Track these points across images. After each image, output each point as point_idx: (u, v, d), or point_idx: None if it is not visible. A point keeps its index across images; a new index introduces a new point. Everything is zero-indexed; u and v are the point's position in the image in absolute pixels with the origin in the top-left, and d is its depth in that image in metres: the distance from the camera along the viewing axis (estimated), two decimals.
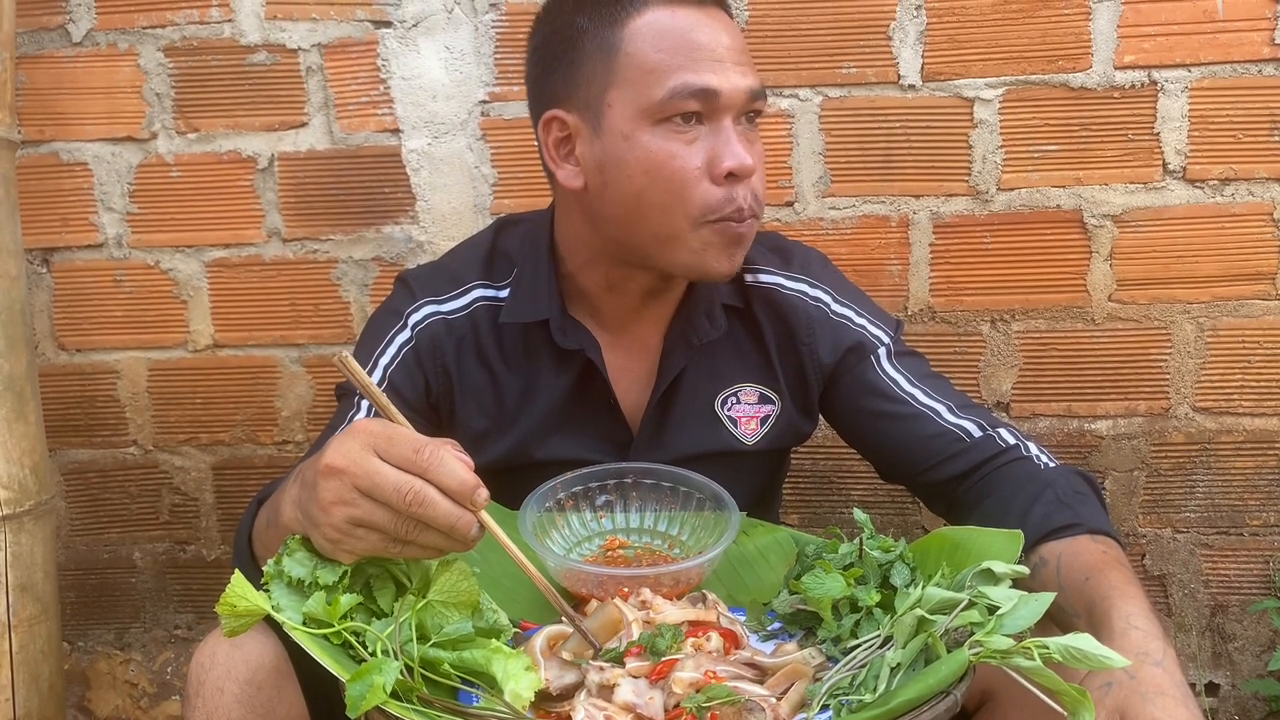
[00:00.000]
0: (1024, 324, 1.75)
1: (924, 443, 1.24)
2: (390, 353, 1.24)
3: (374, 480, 0.84)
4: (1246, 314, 1.72)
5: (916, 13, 1.66)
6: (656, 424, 1.28)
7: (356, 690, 0.82)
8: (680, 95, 1.11)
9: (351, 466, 0.85)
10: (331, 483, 0.86)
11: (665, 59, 1.11)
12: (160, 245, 1.81)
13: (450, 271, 1.29)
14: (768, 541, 1.22)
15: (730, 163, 1.12)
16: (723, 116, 1.13)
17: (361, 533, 0.86)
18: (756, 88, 1.15)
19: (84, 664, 1.97)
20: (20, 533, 1.54)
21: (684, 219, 1.14)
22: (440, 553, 0.89)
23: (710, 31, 1.13)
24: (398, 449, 0.85)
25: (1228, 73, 1.65)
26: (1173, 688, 0.89)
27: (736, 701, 0.86)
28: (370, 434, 0.86)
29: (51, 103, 1.77)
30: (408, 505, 0.84)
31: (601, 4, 1.14)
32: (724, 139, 1.13)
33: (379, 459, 0.85)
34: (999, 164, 1.69)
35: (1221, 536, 1.79)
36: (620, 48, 1.12)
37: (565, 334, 1.24)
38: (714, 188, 1.13)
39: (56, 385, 1.84)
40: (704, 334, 1.26)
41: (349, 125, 1.75)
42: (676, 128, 1.12)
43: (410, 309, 1.26)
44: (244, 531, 1.09)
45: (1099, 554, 1.05)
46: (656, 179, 1.13)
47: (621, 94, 1.13)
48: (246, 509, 1.13)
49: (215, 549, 1.91)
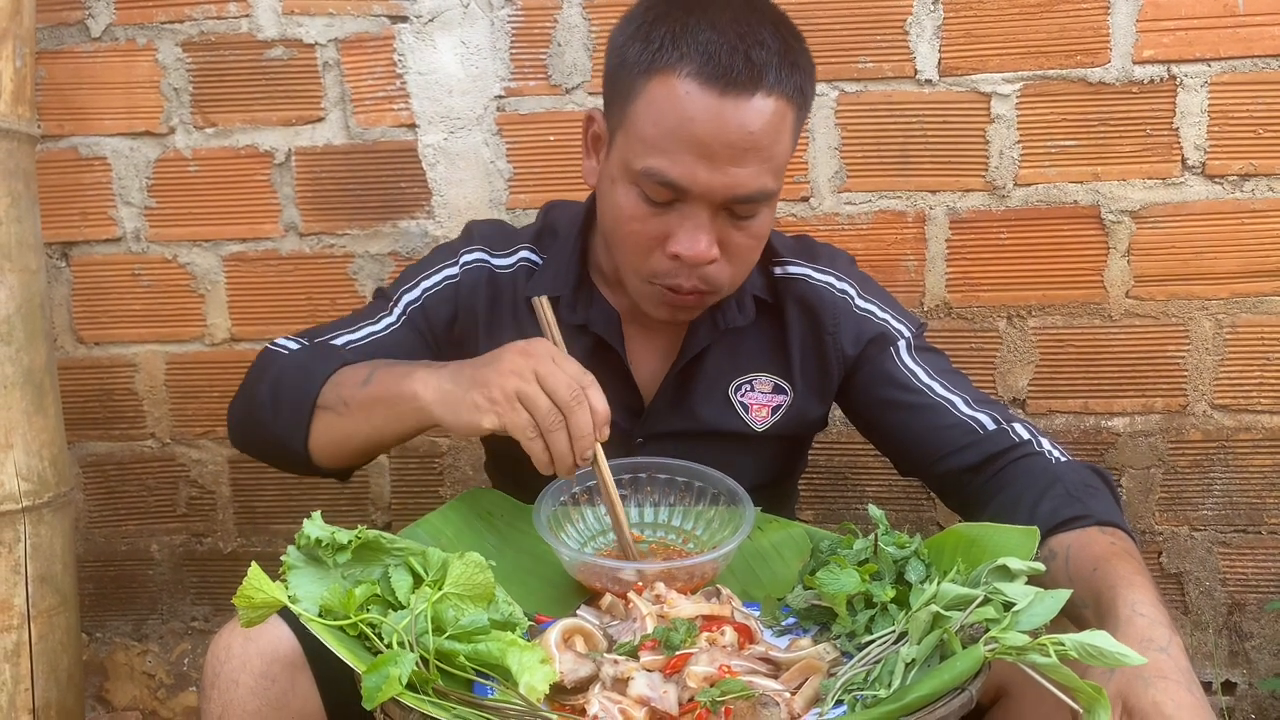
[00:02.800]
0: (1041, 320, 1.74)
1: (938, 433, 1.25)
2: (435, 279, 1.33)
3: (554, 374, 1.04)
4: (1266, 310, 1.71)
5: (933, 7, 1.65)
6: (670, 397, 1.31)
7: (372, 682, 0.82)
8: (650, 179, 1.12)
9: (538, 357, 1.05)
10: (518, 359, 1.05)
11: (655, 136, 1.11)
12: (178, 239, 1.82)
13: (508, 233, 1.38)
14: (782, 537, 1.22)
15: (678, 249, 1.14)
16: (695, 204, 1.12)
17: (518, 407, 1.03)
18: (744, 193, 1.12)
19: (102, 655, 1.98)
20: (39, 525, 1.55)
21: (633, 270, 1.19)
22: (552, 464, 1.04)
23: (717, 125, 1.09)
24: (571, 365, 1.06)
25: (1248, 67, 1.63)
26: (1175, 672, 0.88)
27: (751, 696, 0.86)
28: (552, 350, 1.07)
29: (70, 98, 1.78)
30: (566, 402, 1.03)
31: (648, 45, 1.12)
32: (688, 225, 1.13)
33: (558, 367, 1.04)
34: (1016, 159, 1.69)
35: (1239, 535, 1.78)
36: (637, 98, 1.13)
37: (575, 311, 1.29)
38: (664, 259, 1.15)
39: (75, 378, 1.86)
40: (732, 319, 1.29)
41: (365, 120, 1.76)
42: (646, 199, 1.14)
43: (465, 249, 1.34)
44: (311, 375, 1.20)
45: (1107, 545, 1.05)
46: (618, 229, 1.18)
47: (622, 140, 1.16)
48: (293, 356, 1.26)
49: (232, 541, 1.92)
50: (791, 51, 1.13)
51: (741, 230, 1.16)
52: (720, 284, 1.18)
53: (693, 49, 1.09)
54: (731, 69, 1.08)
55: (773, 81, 1.10)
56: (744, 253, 1.18)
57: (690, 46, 1.09)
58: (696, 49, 1.09)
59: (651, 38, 1.12)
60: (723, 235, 1.15)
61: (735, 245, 1.16)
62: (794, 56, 1.13)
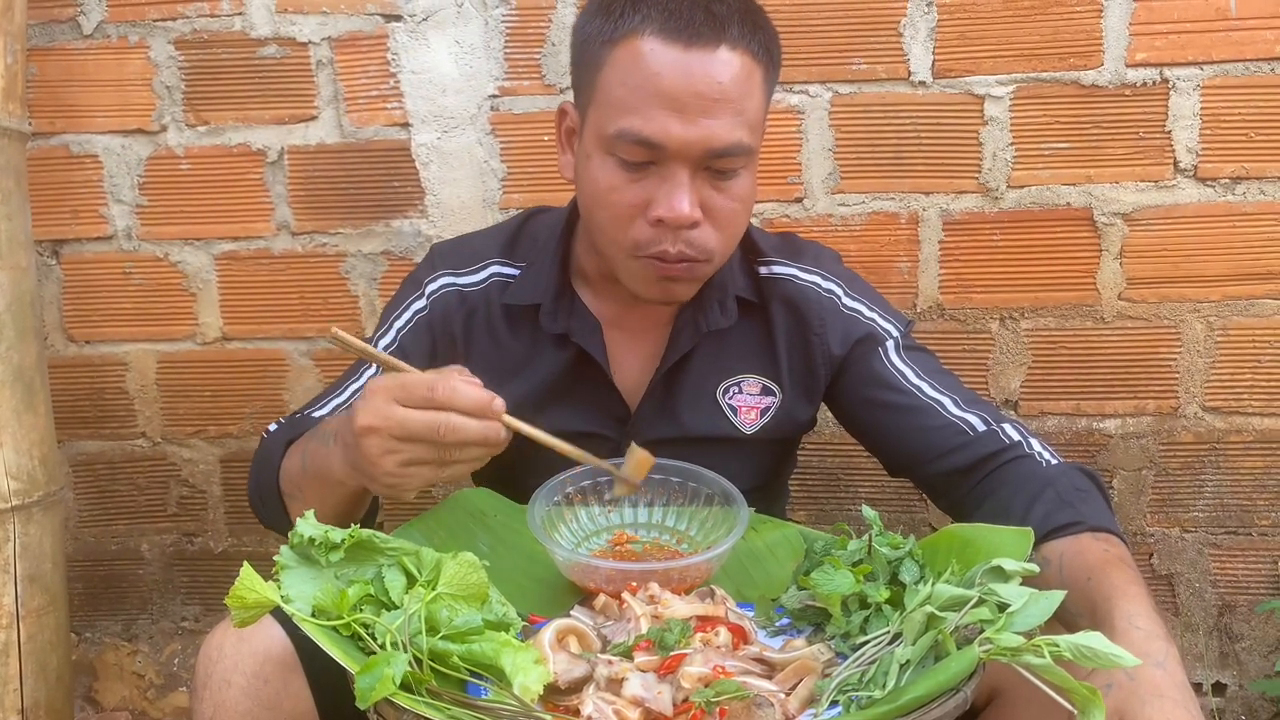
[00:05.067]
0: (1033, 322, 1.74)
1: (927, 434, 1.25)
2: (405, 317, 1.32)
3: (406, 427, 0.96)
4: (1257, 313, 1.71)
5: (927, 9, 1.65)
6: (657, 403, 1.30)
7: (365, 682, 0.82)
8: (625, 139, 1.11)
9: (381, 422, 0.96)
10: (370, 440, 0.97)
11: (625, 96, 1.11)
12: (170, 238, 1.81)
13: (473, 248, 1.35)
14: (776, 537, 1.22)
15: (659, 211, 1.12)
16: (673, 163, 1.11)
17: (413, 469, 0.98)
18: (720, 145, 1.10)
19: (91, 655, 1.97)
20: (29, 524, 1.55)
21: (617, 247, 1.17)
22: (482, 460, 1.00)
23: (684, 76, 1.08)
24: (415, 393, 0.96)
25: (1240, 71, 1.64)
26: (1172, 689, 0.88)
27: (745, 696, 0.86)
28: (386, 389, 0.97)
29: (62, 95, 1.77)
30: (442, 437, 0.96)
31: (609, 17, 1.13)
32: (667, 187, 1.11)
33: (402, 407, 0.96)
34: (1009, 161, 1.69)
35: (1230, 536, 1.79)
36: (604, 68, 1.13)
37: (555, 320, 1.28)
38: (646, 227, 1.14)
39: (65, 377, 1.85)
40: (714, 321, 1.28)
41: (359, 119, 1.75)
42: (623, 165, 1.13)
43: (429, 279, 1.32)
44: (270, 468, 1.17)
45: (1101, 552, 1.05)
46: (599, 205, 1.16)
47: (594, 113, 1.15)
48: (264, 447, 1.21)
49: (223, 541, 1.92)
50: (752, 12, 1.15)
51: (723, 193, 1.14)
52: (710, 250, 1.15)
53: (653, 10, 1.10)
54: (693, 21, 1.09)
55: (736, 36, 1.11)
56: (728, 216, 1.15)
57: (650, 8, 1.10)
58: (656, 9, 1.10)
59: (611, 10, 1.13)
60: (704, 198, 1.13)
61: (718, 209, 1.14)
62: (755, 17, 1.15)
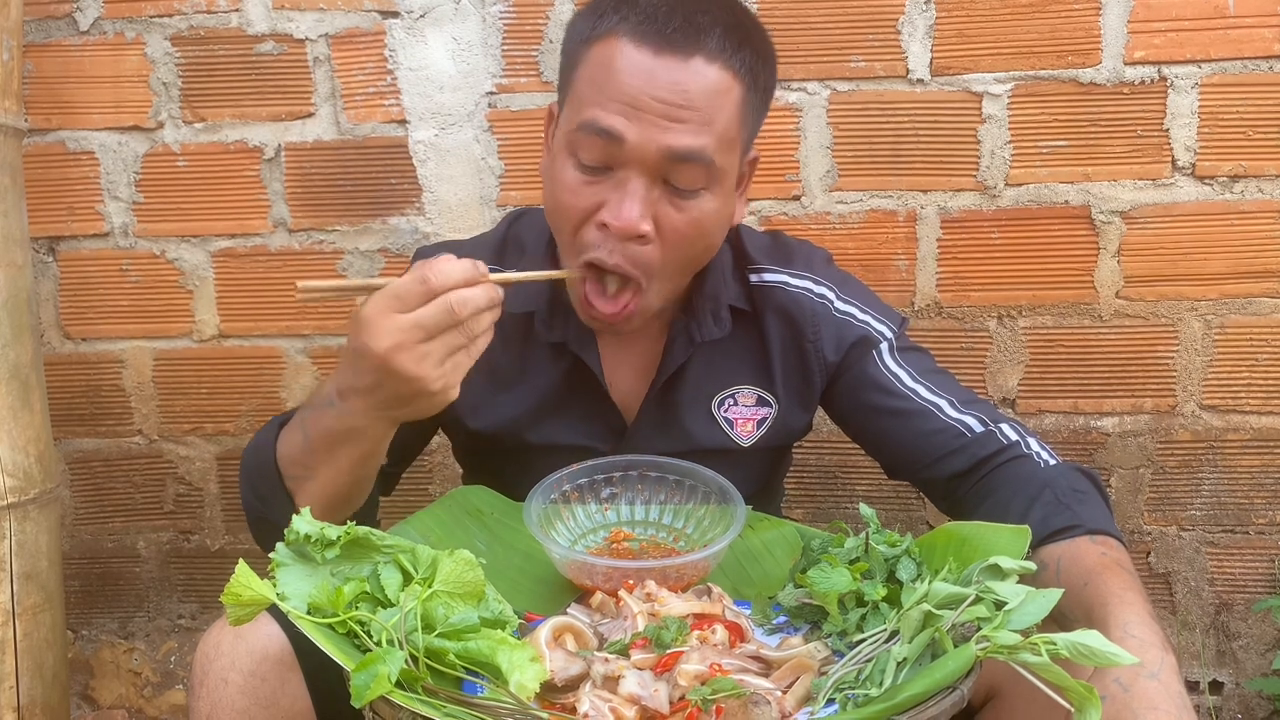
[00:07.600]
0: (1031, 320, 1.74)
1: (925, 439, 1.24)
2: None
3: (424, 326, 0.96)
4: (1254, 312, 1.71)
5: (925, 7, 1.65)
6: (653, 415, 1.28)
7: (361, 680, 0.81)
8: (584, 131, 1.09)
9: (401, 335, 0.95)
10: (400, 358, 0.96)
11: (591, 93, 1.10)
12: (166, 235, 1.81)
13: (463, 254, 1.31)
14: (773, 535, 1.22)
15: (605, 216, 1.10)
16: (630, 169, 1.09)
17: (451, 361, 0.98)
18: (679, 148, 1.07)
19: (88, 653, 1.97)
20: (25, 521, 1.54)
21: (567, 251, 1.16)
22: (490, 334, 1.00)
23: (648, 79, 1.07)
24: (411, 292, 0.96)
25: (1238, 69, 1.64)
26: (1166, 701, 0.87)
27: (742, 694, 0.86)
28: (381, 308, 0.96)
29: (58, 91, 1.77)
30: (460, 316, 0.96)
31: (590, 17, 1.13)
32: (619, 194, 1.09)
33: (408, 313, 0.96)
34: (1007, 159, 1.69)
35: (1227, 535, 1.79)
36: (578, 67, 1.13)
37: (551, 328, 1.25)
38: (593, 230, 1.12)
39: (62, 374, 1.84)
40: (708, 332, 1.26)
41: (356, 116, 1.75)
42: (582, 167, 1.11)
43: None
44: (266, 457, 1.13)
45: (1098, 556, 1.04)
46: (555, 205, 1.15)
47: (566, 111, 1.14)
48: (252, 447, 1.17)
49: (219, 539, 1.91)
50: (742, 28, 1.12)
51: (681, 211, 1.11)
52: (649, 266, 1.12)
53: (632, 12, 1.09)
54: (669, 28, 1.07)
55: (714, 49, 1.08)
56: (680, 238, 1.12)
57: (630, 10, 1.10)
58: (635, 11, 1.09)
59: (595, 9, 1.13)
60: (660, 214, 1.10)
61: (671, 227, 1.11)
62: (745, 34, 1.12)
